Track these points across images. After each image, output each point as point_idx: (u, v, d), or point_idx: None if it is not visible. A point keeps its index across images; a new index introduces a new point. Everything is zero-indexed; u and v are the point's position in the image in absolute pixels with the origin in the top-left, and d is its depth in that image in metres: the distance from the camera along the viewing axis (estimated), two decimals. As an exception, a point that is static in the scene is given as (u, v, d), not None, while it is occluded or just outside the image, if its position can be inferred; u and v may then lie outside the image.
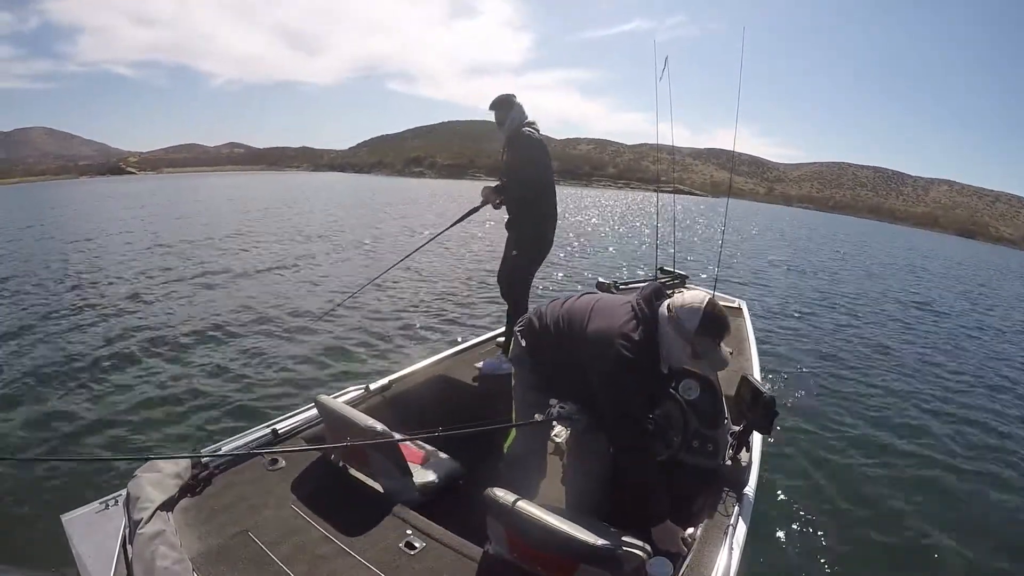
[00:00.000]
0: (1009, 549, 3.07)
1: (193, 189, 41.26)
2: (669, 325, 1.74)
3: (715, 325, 1.71)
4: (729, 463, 2.13)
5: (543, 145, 3.04)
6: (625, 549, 1.42)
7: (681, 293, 1.85)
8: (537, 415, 2.01)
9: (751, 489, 2.00)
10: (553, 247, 3.21)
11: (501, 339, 3.36)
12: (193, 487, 1.79)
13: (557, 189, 3.16)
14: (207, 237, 13.08)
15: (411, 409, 2.56)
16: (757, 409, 1.98)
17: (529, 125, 2.98)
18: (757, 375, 2.87)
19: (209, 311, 6.61)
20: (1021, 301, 14.16)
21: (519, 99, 3.00)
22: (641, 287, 1.91)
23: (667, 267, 4.15)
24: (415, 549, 1.59)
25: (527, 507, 1.46)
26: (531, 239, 3.12)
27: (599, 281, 3.97)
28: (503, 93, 3.02)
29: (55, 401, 4.09)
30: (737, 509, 1.87)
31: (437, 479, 2.05)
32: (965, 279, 18.20)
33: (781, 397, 4.67)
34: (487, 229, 13.64)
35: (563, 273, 10.29)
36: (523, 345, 2.04)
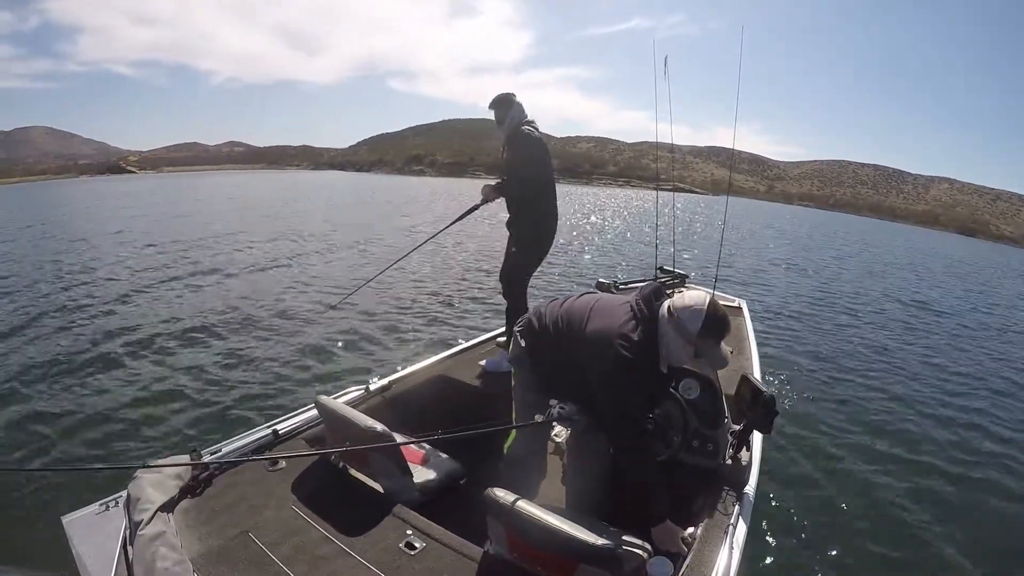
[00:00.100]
0: (1009, 538, 3.11)
1: (193, 188, 41.22)
2: (670, 325, 1.74)
3: (717, 326, 1.71)
4: (729, 463, 2.13)
5: (543, 143, 3.04)
6: (625, 549, 1.43)
7: (681, 293, 1.84)
8: (537, 415, 2.01)
9: (751, 489, 2.00)
10: (553, 247, 3.21)
11: (501, 339, 3.36)
12: (193, 488, 1.79)
13: (557, 187, 3.16)
14: (207, 236, 13.06)
15: (411, 409, 2.56)
16: (757, 408, 1.98)
17: (528, 124, 2.98)
18: (757, 374, 2.86)
19: (209, 311, 6.61)
20: (1022, 300, 14.14)
21: (519, 97, 3.00)
22: (641, 287, 1.91)
23: (667, 266, 4.14)
24: (415, 549, 1.59)
25: (527, 507, 1.46)
26: (531, 237, 3.12)
27: (599, 281, 3.97)
28: (502, 92, 3.02)
29: (55, 400, 4.09)
30: (737, 509, 1.86)
31: (437, 479, 2.05)
32: (966, 277, 18.18)
33: (781, 396, 4.67)
34: (487, 229, 13.62)
35: (563, 273, 10.27)
36: (522, 345, 2.04)
